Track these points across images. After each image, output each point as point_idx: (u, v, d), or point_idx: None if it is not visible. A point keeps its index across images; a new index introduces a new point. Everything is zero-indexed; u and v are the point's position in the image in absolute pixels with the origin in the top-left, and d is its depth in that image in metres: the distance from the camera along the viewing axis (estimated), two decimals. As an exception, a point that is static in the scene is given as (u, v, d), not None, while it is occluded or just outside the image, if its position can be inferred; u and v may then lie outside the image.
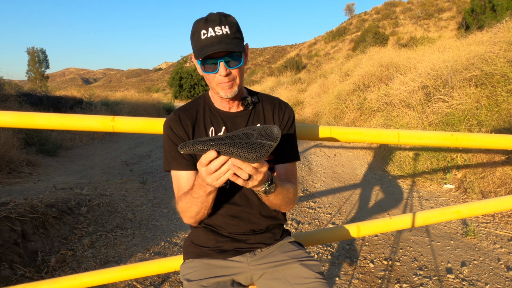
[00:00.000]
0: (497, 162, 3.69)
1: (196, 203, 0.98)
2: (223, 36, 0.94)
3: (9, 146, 4.93)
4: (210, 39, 0.94)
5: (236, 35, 0.98)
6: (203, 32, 0.95)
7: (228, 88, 1.01)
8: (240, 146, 0.77)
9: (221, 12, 0.99)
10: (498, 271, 2.37)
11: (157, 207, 3.70)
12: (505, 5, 10.76)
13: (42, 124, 1.26)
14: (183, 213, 1.05)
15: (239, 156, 0.77)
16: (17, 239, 2.42)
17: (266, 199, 0.99)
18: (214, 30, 0.94)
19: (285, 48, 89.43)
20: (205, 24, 0.95)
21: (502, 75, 4.42)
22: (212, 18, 0.96)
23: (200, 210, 1.00)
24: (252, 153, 0.76)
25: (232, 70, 1.00)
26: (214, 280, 1.05)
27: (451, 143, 1.48)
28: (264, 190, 0.91)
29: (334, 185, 4.47)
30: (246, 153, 0.76)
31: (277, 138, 0.80)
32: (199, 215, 1.04)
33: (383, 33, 24.88)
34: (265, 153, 0.77)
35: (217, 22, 0.95)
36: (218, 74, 0.99)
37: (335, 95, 8.92)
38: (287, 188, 1.03)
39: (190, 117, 1.11)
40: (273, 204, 1.03)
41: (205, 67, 0.99)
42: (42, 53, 35.84)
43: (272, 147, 0.79)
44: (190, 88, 28.65)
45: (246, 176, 0.80)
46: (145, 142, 8.30)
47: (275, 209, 1.09)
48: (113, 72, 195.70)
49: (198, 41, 0.97)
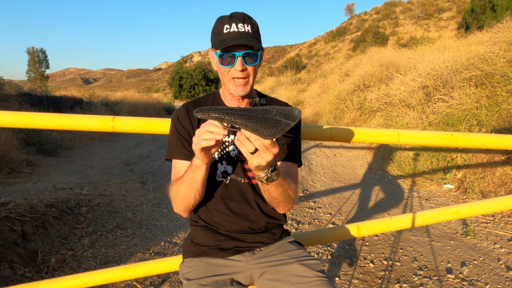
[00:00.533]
0: (497, 162, 3.69)
1: (184, 182, 0.98)
2: (244, 33, 0.99)
3: (9, 146, 4.93)
4: (232, 34, 0.99)
5: (256, 35, 1.03)
6: (226, 27, 1.00)
7: (240, 87, 1.04)
8: (255, 120, 0.74)
9: (245, 12, 1.04)
10: (498, 271, 2.37)
11: (157, 207, 3.70)
12: (505, 5, 10.76)
13: (42, 124, 1.26)
14: (174, 198, 1.05)
15: (253, 129, 0.74)
16: (17, 239, 2.42)
17: (266, 190, 0.96)
18: (237, 26, 0.99)
19: (285, 48, 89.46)
20: (229, 20, 1.00)
21: (502, 75, 4.42)
22: (237, 15, 1.01)
23: (188, 191, 0.99)
24: (267, 128, 0.74)
25: (248, 67, 1.03)
26: (213, 279, 1.05)
27: (451, 143, 1.48)
28: (266, 176, 0.88)
29: (334, 185, 4.47)
30: (261, 127, 0.73)
31: (296, 118, 0.78)
32: (186, 199, 1.01)
33: (383, 33, 24.88)
34: (280, 130, 0.74)
35: (241, 20, 1.00)
36: (234, 68, 1.02)
37: (335, 95, 8.92)
38: (288, 182, 1.00)
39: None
40: (272, 197, 0.99)
41: (223, 59, 1.02)
42: (42, 53, 35.87)
43: (289, 126, 0.76)
44: (190, 88, 28.65)
45: (251, 148, 0.78)
46: (145, 142, 8.30)
47: (273, 206, 1.06)
48: (113, 72, 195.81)
49: (220, 34, 1.01)
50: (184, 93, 28.76)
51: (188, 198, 1.01)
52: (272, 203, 1.04)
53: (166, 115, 15.41)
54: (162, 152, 6.87)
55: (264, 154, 0.78)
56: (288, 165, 1.14)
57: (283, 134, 0.90)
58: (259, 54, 1.04)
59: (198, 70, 28.98)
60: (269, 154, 0.78)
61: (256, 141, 0.76)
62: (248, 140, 0.77)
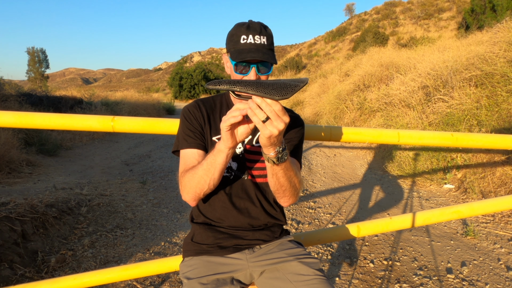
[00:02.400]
0: (497, 162, 3.69)
1: (202, 166, 0.98)
2: (260, 46, 1.04)
3: (9, 146, 4.93)
4: (249, 45, 1.03)
5: (271, 46, 1.07)
6: (243, 37, 1.04)
7: None
8: (265, 85, 0.77)
9: (261, 22, 1.08)
10: (498, 271, 2.37)
11: (157, 207, 3.70)
12: (505, 5, 10.76)
13: (42, 124, 1.26)
14: (186, 184, 1.03)
15: (264, 93, 0.76)
16: (17, 239, 2.42)
17: (274, 173, 0.96)
18: (254, 38, 1.04)
19: (285, 48, 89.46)
20: (247, 30, 1.04)
21: (502, 75, 4.42)
22: (254, 26, 1.05)
23: (204, 176, 0.98)
24: (277, 90, 0.76)
25: (261, 76, 1.07)
26: (214, 277, 1.05)
27: (451, 143, 1.48)
28: (276, 155, 0.88)
29: (334, 185, 4.47)
30: (271, 90, 0.76)
31: (305, 81, 0.80)
32: (200, 184, 1.00)
33: (383, 33, 24.88)
34: (291, 90, 0.77)
35: (258, 32, 1.04)
36: (247, 78, 1.06)
37: (335, 95, 8.92)
38: (294, 169, 1.00)
39: (209, 107, 1.17)
40: (280, 183, 0.99)
41: (237, 68, 1.07)
42: (42, 53, 35.86)
43: (299, 87, 0.78)
44: (190, 88, 28.66)
45: (263, 116, 0.78)
46: (145, 142, 8.30)
47: (279, 196, 1.05)
48: (113, 72, 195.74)
49: (237, 44, 1.05)
50: (184, 93, 28.76)
51: (202, 184, 1.00)
52: (278, 191, 1.03)
53: (166, 115, 15.41)
54: (162, 152, 6.87)
55: (275, 122, 0.79)
56: (293, 160, 1.14)
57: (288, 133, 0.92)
58: (272, 64, 1.08)
59: (198, 70, 28.99)
60: (281, 122, 0.79)
61: (267, 107, 0.77)
62: (259, 108, 0.78)
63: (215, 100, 1.20)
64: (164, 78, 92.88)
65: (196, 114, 1.13)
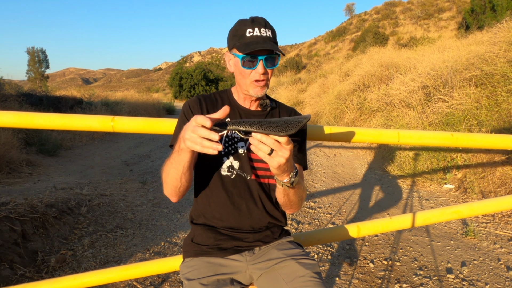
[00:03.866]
0: (497, 162, 3.69)
1: (172, 164, 0.96)
2: (267, 38, 1.04)
3: (9, 146, 4.93)
4: (256, 38, 1.03)
5: (275, 40, 1.08)
6: (249, 31, 1.04)
7: (260, 88, 1.08)
8: (269, 124, 0.77)
9: (264, 17, 1.09)
10: (498, 271, 2.37)
11: (157, 207, 3.70)
12: (505, 5, 10.76)
13: (42, 124, 1.26)
14: (164, 180, 1.03)
15: (269, 130, 0.76)
16: (17, 239, 2.42)
17: (286, 194, 0.98)
18: (260, 30, 1.04)
19: (285, 48, 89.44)
20: (252, 24, 1.04)
21: (502, 75, 4.42)
22: (258, 20, 1.06)
23: (175, 174, 0.97)
24: (282, 127, 0.76)
25: (268, 70, 1.08)
26: (214, 278, 1.05)
27: (451, 143, 1.48)
28: (290, 180, 0.90)
29: (334, 185, 4.47)
30: (275, 128, 0.76)
31: (306, 117, 0.80)
32: (173, 182, 1.00)
33: (383, 33, 24.88)
34: (294, 126, 0.77)
35: (263, 25, 1.05)
36: (255, 71, 1.06)
37: (335, 95, 8.92)
38: (303, 184, 1.03)
39: (211, 103, 1.16)
40: (290, 200, 1.01)
41: (245, 62, 1.05)
42: (42, 53, 35.85)
43: (302, 123, 0.78)
44: (190, 88, 28.64)
45: (267, 150, 0.79)
46: (145, 142, 8.30)
47: (286, 208, 1.08)
48: (113, 72, 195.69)
49: (242, 38, 1.04)
50: (184, 93, 28.74)
51: (175, 182, 1.00)
52: (286, 206, 1.06)
53: (166, 115, 15.41)
54: (162, 152, 6.87)
55: (280, 152, 0.80)
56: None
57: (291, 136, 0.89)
58: (278, 58, 1.08)
59: (198, 70, 28.97)
60: (285, 151, 0.80)
61: (269, 140, 0.78)
62: (262, 143, 0.79)
63: (216, 96, 1.20)
64: (164, 78, 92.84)
65: (196, 110, 1.13)
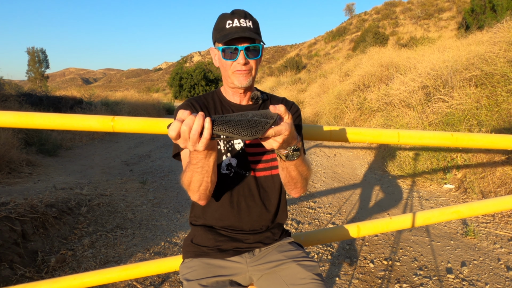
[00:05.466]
0: (497, 162, 3.69)
1: (196, 170, 0.92)
2: (247, 28, 1.03)
3: (9, 146, 4.93)
4: (235, 28, 1.02)
5: (257, 30, 1.07)
6: (229, 22, 1.03)
7: (243, 76, 1.06)
8: (234, 124, 0.74)
9: (245, 10, 1.08)
10: (498, 271, 2.37)
11: (157, 207, 3.70)
12: (505, 5, 10.76)
13: (42, 124, 1.26)
14: (189, 186, 0.99)
15: (233, 133, 0.74)
16: (17, 239, 2.42)
17: (284, 167, 0.97)
18: (240, 21, 1.03)
19: (285, 48, 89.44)
20: (231, 15, 1.04)
21: (502, 75, 4.42)
22: (238, 12, 1.05)
23: (203, 178, 0.94)
24: (246, 130, 0.74)
25: (250, 61, 1.06)
26: (213, 279, 1.05)
27: (451, 143, 1.48)
28: (287, 153, 0.90)
29: (334, 185, 4.47)
30: (240, 129, 0.73)
31: (274, 116, 0.77)
32: (202, 186, 0.96)
33: (383, 33, 24.88)
34: (260, 129, 0.74)
35: (242, 16, 1.04)
36: (236, 62, 1.04)
37: (335, 95, 8.92)
38: (306, 164, 1.00)
39: (202, 104, 1.15)
40: (291, 176, 0.99)
41: (225, 53, 1.04)
42: (42, 53, 35.86)
43: (269, 124, 0.76)
44: (190, 88, 28.66)
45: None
46: (145, 142, 8.30)
47: (289, 187, 1.05)
48: (113, 72, 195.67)
49: (222, 30, 1.04)
50: (184, 93, 28.76)
51: (204, 186, 0.97)
52: (289, 183, 1.03)
53: (166, 115, 15.40)
54: (162, 152, 6.86)
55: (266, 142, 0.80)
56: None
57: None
58: (260, 48, 1.06)
59: (198, 70, 28.98)
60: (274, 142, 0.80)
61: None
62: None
63: (207, 97, 1.18)
64: (164, 78, 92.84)
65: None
